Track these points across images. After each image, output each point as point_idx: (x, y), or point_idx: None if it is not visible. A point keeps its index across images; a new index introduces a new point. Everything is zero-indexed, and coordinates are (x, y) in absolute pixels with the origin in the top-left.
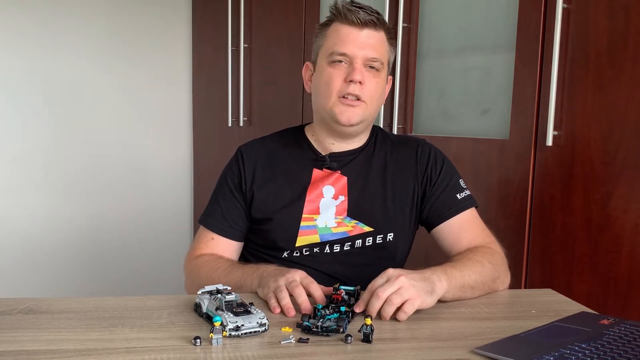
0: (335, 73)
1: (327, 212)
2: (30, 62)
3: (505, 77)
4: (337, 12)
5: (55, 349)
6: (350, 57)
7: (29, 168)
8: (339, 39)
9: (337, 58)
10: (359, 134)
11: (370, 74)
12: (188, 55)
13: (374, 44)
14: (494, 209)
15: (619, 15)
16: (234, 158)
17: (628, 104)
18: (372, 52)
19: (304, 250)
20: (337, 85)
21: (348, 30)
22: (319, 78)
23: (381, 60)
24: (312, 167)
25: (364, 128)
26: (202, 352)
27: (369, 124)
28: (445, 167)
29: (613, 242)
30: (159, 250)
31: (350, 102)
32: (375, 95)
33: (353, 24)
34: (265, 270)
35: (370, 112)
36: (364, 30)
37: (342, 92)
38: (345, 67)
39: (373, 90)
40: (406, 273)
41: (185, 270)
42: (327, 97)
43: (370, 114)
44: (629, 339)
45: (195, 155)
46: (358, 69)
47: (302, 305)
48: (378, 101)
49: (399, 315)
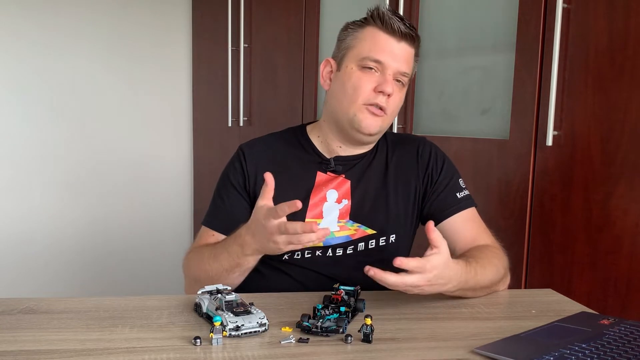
0: (365, 79)
1: (330, 216)
2: (30, 62)
3: (505, 77)
4: (378, 17)
5: (55, 349)
6: (384, 66)
7: (29, 168)
8: (375, 45)
9: (370, 64)
10: (371, 143)
11: (397, 87)
12: (188, 55)
13: (407, 57)
14: (494, 209)
15: (619, 15)
16: (236, 156)
17: (628, 104)
18: (404, 66)
19: (305, 252)
20: (365, 91)
21: (386, 38)
22: (344, 79)
23: (409, 75)
24: (316, 170)
25: (377, 138)
26: (202, 352)
27: (382, 134)
28: (446, 166)
29: (613, 242)
30: (158, 250)
31: (375, 111)
32: (396, 109)
33: (392, 34)
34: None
35: (389, 123)
36: (402, 42)
37: (369, 100)
38: (377, 75)
39: (397, 104)
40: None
41: (183, 270)
42: (352, 102)
43: (387, 126)
44: (629, 339)
45: (195, 155)
46: (390, 81)
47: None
48: (395, 114)
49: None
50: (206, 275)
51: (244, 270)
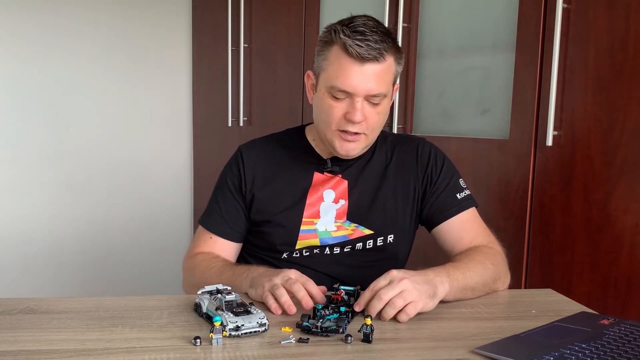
0: (335, 106)
1: (327, 216)
2: (30, 62)
3: (505, 77)
4: (336, 38)
5: (55, 349)
6: (351, 94)
7: (29, 168)
8: (340, 71)
9: (337, 94)
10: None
11: (372, 109)
12: (188, 55)
13: (376, 76)
14: (494, 209)
15: (619, 15)
16: (234, 158)
17: (628, 104)
18: (374, 88)
19: (303, 251)
20: (336, 119)
21: (349, 62)
22: (319, 103)
23: (384, 92)
24: (314, 170)
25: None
26: (202, 352)
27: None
28: (445, 167)
29: (613, 242)
30: (158, 250)
31: (350, 138)
32: (378, 125)
33: (354, 58)
34: (256, 271)
35: (371, 139)
36: (366, 64)
37: (340, 127)
38: (346, 102)
39: (375, 122)
40: (409, 275)
41: (183, 269)
42: (326, 127)
43: (371, 141)
44: (629, 339)
45: (195, 155)
46: (358, 109)
47: (303, 300)
48: (381, 126)
49: (400, 316)
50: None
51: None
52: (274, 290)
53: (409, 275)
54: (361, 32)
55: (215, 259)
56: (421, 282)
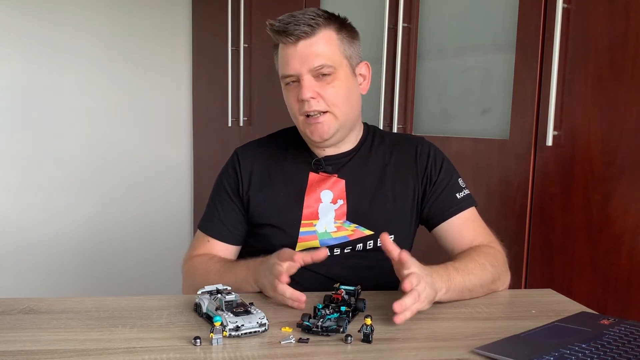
0: (290, 95)
1: (326, 217)
2: (30, 62)
3: (505, 77)
4: (274, 32)
5: (55, 349)
6: (296, 76)
7: (29, 169)
8: (283, 60)
9: (287, 81)
10: (342, 140)
11: (323, 82)
12: (188, 56)
13: (313, 52)
14: (494, 209)
15: (619, 15)
16: (230, 161)
17: (628, 104)
18: (314, 61)
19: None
20: (295, 106)
21: (286, 49)
22: (284, 99)
23: (329, 63)
24: (309, 170)
25: (344, 135)
26: (202, 352)
27: (348, 128)
28: (445, 166)
29: (613, 242)
30: (158, 250)
31: (315, 120)
32: (339, 100)
33: (288, 42)
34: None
35: (343, 117)
36: (299, 43)
37: (302, 112)
38: (297, 86)
39: (333, 96)
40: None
41: (182, 272)
42: (295, 119)
43: (344, 120)
44: (629, 339)
45: (195, 155)
46: (305, 86)
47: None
48: (348, 102)
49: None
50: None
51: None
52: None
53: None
54: (287, 16)
55: (212, 259)
56: (429, 288)
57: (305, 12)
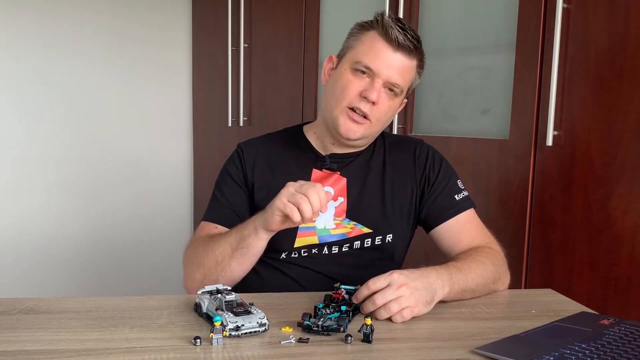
0: (353, 82)
1: (326, 214)
2: (30, 62)
3: (505, 77)
4: (380, 24)
5: (55, 349)
6: (374, 73)
7: (29, 168)
8: (371, 50)
9: (361, 69)
10: (359, 146)
11: (386, 96)
12: (188, 56)
13: (402, 69)
14: (494, 209)
15: (619, 15)
16: (235, 153)
17: (628, 104)
18: (396, 77)
19: (302, 251)
20: (351, 94)
21: (383, 46)
22: (337, 79)
23: (402, 87)
24: (312, 167)
25: (365, 143)
26: (202, 352)
27: (370, 140)
28: (443, 168)
29: (613, 242)
30: (159, 250)
31: (355, 118)
32: (383, 117)
33: (390, 42)
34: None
35: (373, 130)
36: (398, 53)
37: (352, 104)
38: (366, 80)
39: (383, 112)
40: (410, 280)
41: (184, 258)
42: (337, 103)
43: (372, 133)
44: (629, 339)
45: (195, 155)
46: (377, 88)
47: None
48: (385, 122)
49: (395, 317)
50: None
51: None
52: (294, 198)
53: (409, 281)
54: (403, 24)
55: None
56: (420, 288)
57: (412, 31)
